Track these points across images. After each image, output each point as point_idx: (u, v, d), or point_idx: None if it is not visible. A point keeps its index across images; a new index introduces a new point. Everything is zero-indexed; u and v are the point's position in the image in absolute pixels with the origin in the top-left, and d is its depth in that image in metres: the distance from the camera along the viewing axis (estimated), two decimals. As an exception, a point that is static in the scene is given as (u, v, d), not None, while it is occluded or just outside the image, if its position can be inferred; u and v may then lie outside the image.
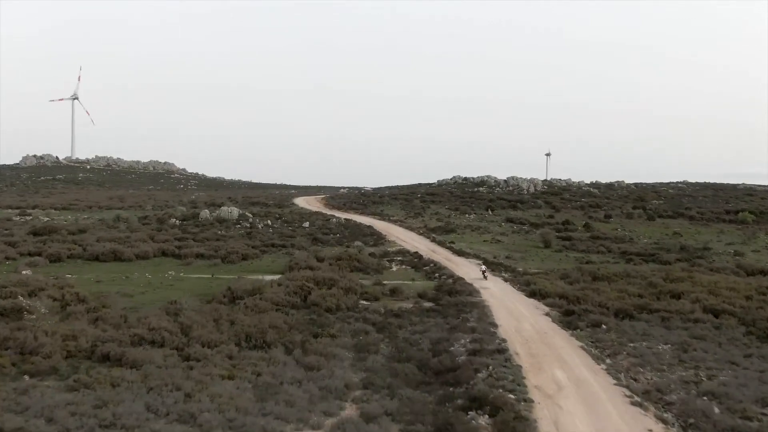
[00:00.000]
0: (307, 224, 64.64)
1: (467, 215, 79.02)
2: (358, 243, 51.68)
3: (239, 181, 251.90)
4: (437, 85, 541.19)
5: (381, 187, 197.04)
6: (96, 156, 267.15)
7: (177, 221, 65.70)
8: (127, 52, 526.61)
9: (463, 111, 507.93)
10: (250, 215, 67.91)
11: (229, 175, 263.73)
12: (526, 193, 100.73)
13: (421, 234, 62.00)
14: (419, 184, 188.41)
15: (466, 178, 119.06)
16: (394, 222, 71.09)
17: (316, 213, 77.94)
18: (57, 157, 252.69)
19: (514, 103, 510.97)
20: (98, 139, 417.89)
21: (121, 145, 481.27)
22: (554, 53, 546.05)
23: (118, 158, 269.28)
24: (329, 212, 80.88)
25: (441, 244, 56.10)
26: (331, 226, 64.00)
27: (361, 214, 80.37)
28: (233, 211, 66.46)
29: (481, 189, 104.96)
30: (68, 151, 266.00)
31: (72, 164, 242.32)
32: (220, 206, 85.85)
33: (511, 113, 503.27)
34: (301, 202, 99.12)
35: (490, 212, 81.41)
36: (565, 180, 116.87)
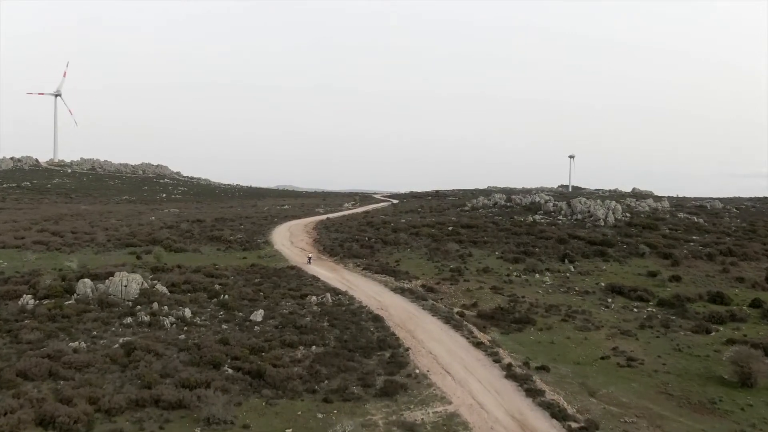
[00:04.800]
0: (260, 315, 34.64)
1: (536, 275, 48.63)
2: (346, 426, 21.38)
3: (237, 186, 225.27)
4: (441, 85, 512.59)
5: (394, 195, 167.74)
6: (81, 158, 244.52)
7: (31, 301, 36.27)
8: (127, 51, 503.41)
9: (472, 111, 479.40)
10: (164, 290, 38.02)
11: (231, 178, 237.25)
12: (603, 224, 70.13)
13: (476, 343, 31.72)
14: (437, 192, 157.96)
15: (510, 198, 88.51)
16: (419, 298, 40.98)
17: (291, 270, 48.04)
18: (37, 160, 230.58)
19: (518, 102, 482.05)
20: (93, 139, 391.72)
21: (116, 145, 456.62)
22: (551, 52, 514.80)
23: (106, 160, 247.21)
24: (315, 266, 50.98)
25: (528, 387, 26.14)
26: (305, 320, 33.96)
27: (366, 268, 50.46)
28: (131, 285, 36.62)
29: (536, 218, 74.41)
30: (53, 152, 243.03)
31: (53, 167, 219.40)
32: (150, 252, 56.51)
33: (515, 113, 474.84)
34: (283, 234, 69.28)
35: (571, 267, 50.91)
36: (646, 202, 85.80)
